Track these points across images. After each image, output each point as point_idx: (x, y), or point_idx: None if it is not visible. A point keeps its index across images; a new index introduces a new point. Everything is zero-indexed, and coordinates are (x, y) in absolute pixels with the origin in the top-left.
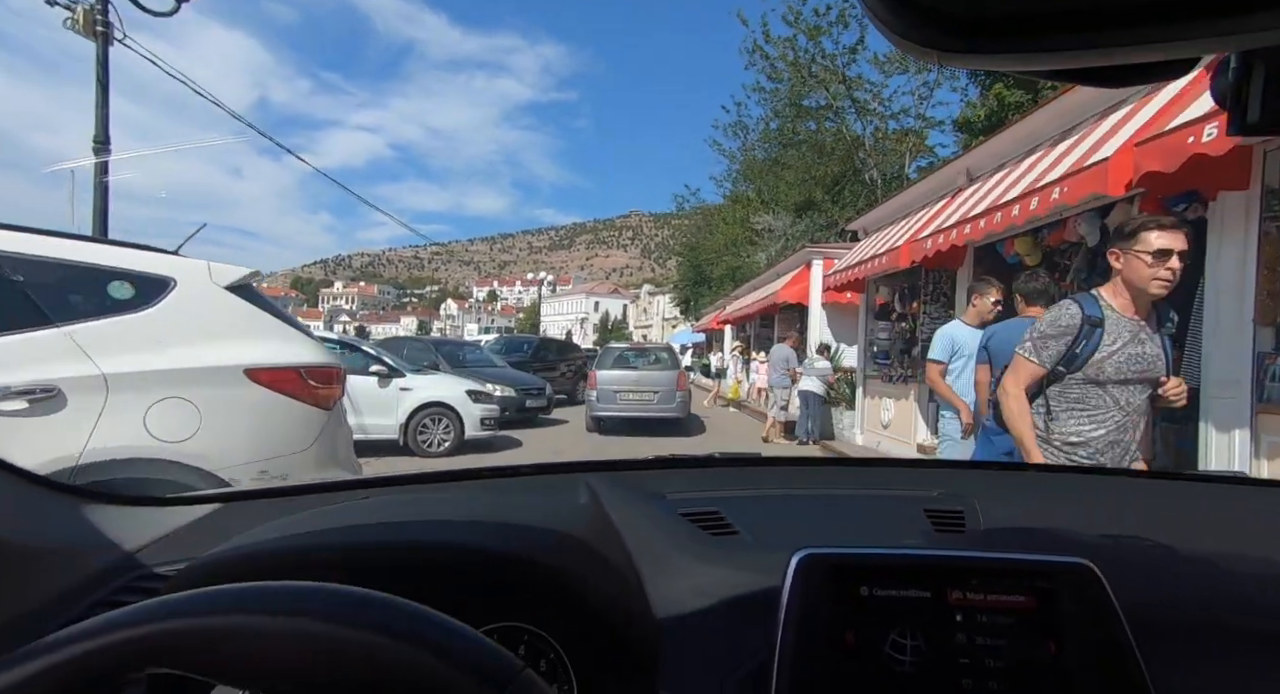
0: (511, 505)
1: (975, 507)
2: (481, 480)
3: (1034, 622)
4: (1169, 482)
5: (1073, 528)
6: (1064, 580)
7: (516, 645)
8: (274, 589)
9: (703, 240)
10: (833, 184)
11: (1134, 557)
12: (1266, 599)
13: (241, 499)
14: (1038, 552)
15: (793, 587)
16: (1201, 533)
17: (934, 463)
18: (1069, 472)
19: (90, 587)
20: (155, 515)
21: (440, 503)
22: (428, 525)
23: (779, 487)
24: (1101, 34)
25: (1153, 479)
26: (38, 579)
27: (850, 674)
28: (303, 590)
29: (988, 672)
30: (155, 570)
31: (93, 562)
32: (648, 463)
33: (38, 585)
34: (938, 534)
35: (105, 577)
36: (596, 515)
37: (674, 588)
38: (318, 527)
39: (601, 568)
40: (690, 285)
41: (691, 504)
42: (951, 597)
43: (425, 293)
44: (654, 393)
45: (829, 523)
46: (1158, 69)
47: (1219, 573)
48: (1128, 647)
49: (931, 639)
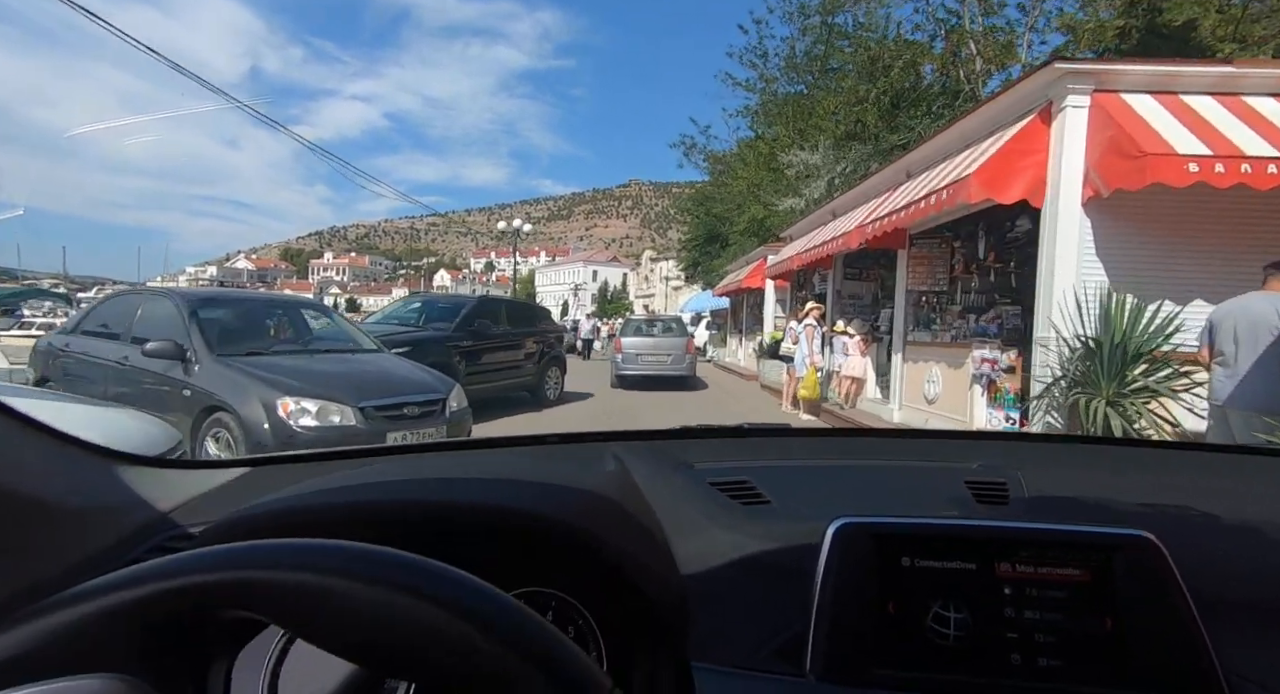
0: (541, 470)
1: (1019, 478)
2: (509, 448)
3: (1089, 595)
4: (1219, 454)
5: (1123, 499)
6: (1122, 553)
7: (545, 611)
8: (378, 555)
9: (716, 189)
10: (891, 105)
11: (1188, 529)
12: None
13: (269, 463)
14: (1087, 524)
15: (830, 555)
16: (1257, 506)
17: (970, 434)
18: (1114, 443)
19: (124, 546)
20: (186, 477)
21: (470, 466)
22: (464, 484)
23: (809, 458)
24: None
25: (1203, 452)
26: (74, 538)
27: (890, 645)
28: (412, 564)
29: (1038, 646)
30: (188, 530)
31: (126, 521)
32: (675, 433)
33: (74, 544)
34: (980, 505)
35: (138, 536)
36: (624, 483)
37: (704, 556)
38: (353, 483)
39: (632, 534)
40: (699, 245)
41: (721, 473)
42: (1000, 569)
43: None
44: (668, 355)
45: (864, 493)
46: None
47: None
48: (1192, 621)
49: (977, 612)
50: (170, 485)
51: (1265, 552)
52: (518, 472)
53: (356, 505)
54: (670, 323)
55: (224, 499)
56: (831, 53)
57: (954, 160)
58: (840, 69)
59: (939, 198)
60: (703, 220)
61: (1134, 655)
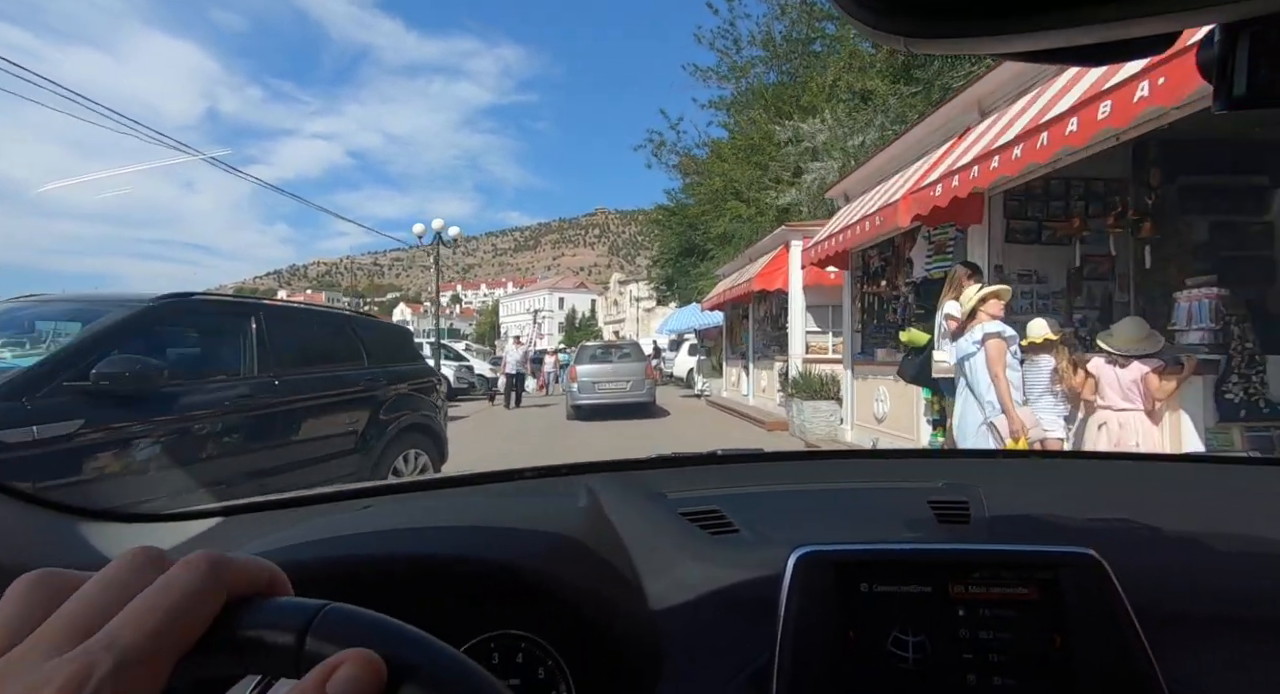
0: (509, 510)
1: (980, 496)
2: (482, 485)
3: (1038, 614)
4: (1178, 464)
5: (1079, 516)
6: (1067, 570)
7: (515, 653)
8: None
9: (694, 191)
10: (903, 66)
11: (1141, 544)
12: (1277, 585)
13: (241, 512)
14: (1043, 541)
15: (791, 585)
16: (1212, 517)
17: (938, 453)
18: (1075, 457)
19: None
20: (157, 531)
21: (439, 511)
22: (420, 535)
23: (781, 482)
24: (1083, 10)
25: (1162, 462)
26: None
27: (852, 673)
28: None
29: (992, 666)
30: None
31: None
32: (649, 462)
33: None
34: (941, 526)
35: None
36: (595, 518)
37: (673, 589)
38: (313, 538)
39: (599, 572)
40: (673, 260)
41: (691, 503)
42: (953, 590)
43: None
44: (627, 381)
45: (830, 518)
46: (1139, 45)
47: (1230, 558)
48: (1134, 636)
49: (934, 635)
50: (142, 539)
51: (1215, 564)
52: (489, 513)
53: (322, 560)
54: (627, 348)
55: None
56: (815, 35)
57: None
58: (826, 52)
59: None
60: (675, 231)
61: (1080, 672)
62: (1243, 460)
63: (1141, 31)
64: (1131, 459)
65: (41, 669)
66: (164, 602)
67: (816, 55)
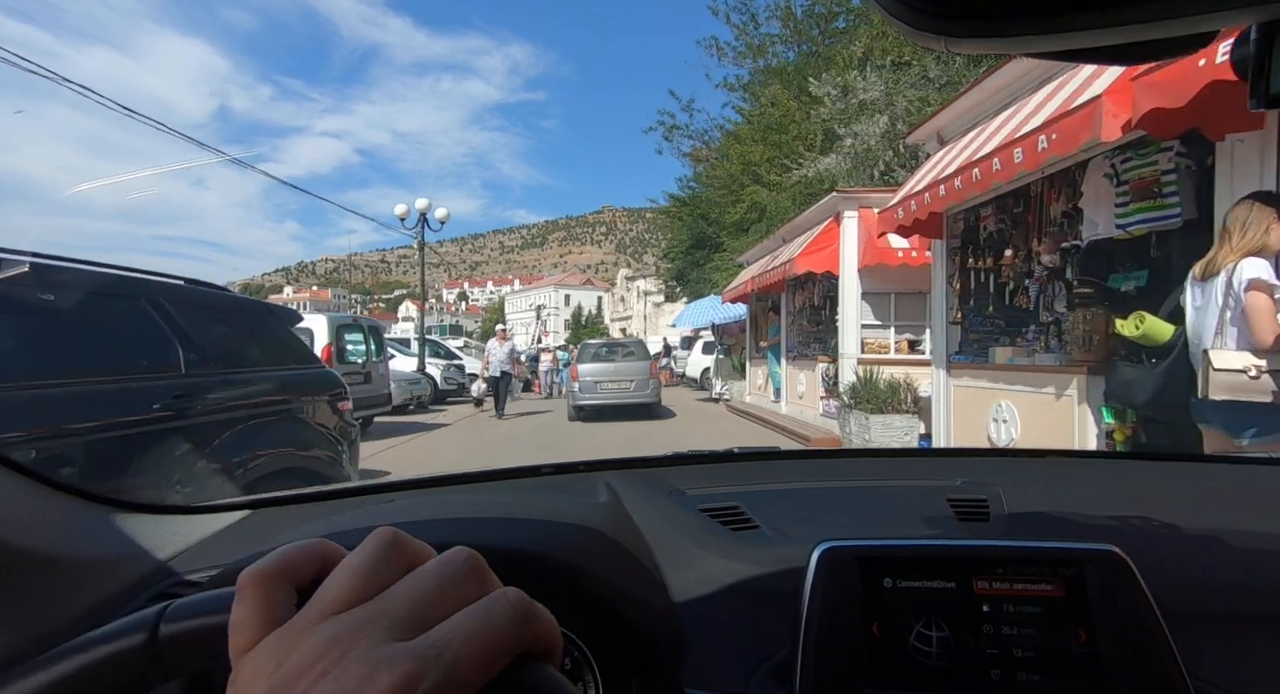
0: (532, 504)
1: (999, 494)
2: (501, 481)
3: (1062, 610)
4: (1196, 464)
5: (1099, 513)
6: (1092, 567)
7: None
8: None
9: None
10: None
11: (1164, 542)
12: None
13: (269, 505)
14: (1065, 539)
15: (815, 579)
16: (1233, 516)
17: (955, 452)
18: (1094, 456)
19: (126, 594)
20: (185, 523)
21: (463, 504)
22: (450, 525)
23: (798, 481)
24: (1120, 10)
25: (1181, 462)
26: (74, 590)
27: (876, 667)
28: None
29: (1016, 662)
30: (187, 578)
31: (127, 569)
32: (666, 459)
33: (75, 596)
34: (961, 523)
35: (139, 585)
36: (616, 513)
37: (695, 583)
38: (353, 527)
39: (623, 565)
40: (684, 252)
41: (711, 500)
42: (977, 586)
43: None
44: (630, 381)
45: (850, 515)
46: (1173, 44)
47: (1253, 556)
48: (1160, 633)
49: (958, 630)
50: (171, 531)
51: (1238, 562)
52: (511, 508)
53: None
54: (631, 346)
55: (225, 543)
56: (840, 9)
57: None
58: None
59: None
60: (686, 223)
61: (1107, 668)
62: (1263, 461)
63: (1178, 31)
64: (1149, 459)
65: (382, 652)
66: (485, 631)
67: (840, 31)
